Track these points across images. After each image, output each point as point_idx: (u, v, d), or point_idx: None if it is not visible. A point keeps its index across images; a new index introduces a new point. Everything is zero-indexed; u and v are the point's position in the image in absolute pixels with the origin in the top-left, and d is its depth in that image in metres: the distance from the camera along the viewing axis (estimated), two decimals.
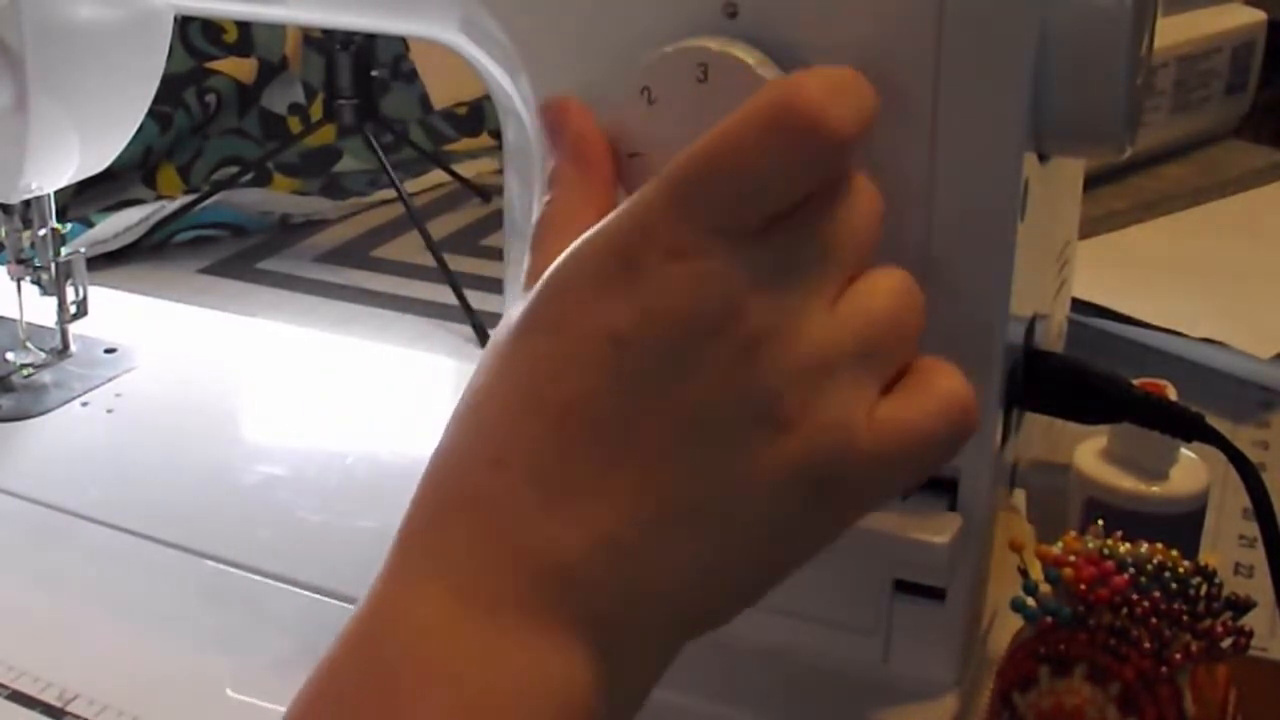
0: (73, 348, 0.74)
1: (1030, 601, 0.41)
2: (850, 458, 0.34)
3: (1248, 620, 0.40)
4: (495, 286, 0.56)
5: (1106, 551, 0.41)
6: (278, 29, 1.25)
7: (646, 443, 0.33)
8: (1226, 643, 0.40)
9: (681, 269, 0.33)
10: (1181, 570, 0.40)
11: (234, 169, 1.15)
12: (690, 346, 0.33)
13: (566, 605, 0.32)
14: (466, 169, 1.21)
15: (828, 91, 0.33)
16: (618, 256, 0.33)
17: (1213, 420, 0.44)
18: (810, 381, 0.33)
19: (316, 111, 1.24)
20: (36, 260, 0.70)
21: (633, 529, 0.32)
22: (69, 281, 0.72)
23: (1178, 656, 0.39)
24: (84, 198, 1.10)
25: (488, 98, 0.84)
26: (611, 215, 0.34)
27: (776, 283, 0.33)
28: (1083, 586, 0.40)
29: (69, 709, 0.50)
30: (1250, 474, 0.43)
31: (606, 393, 0.33)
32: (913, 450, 0.34)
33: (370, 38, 1.09)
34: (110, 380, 0.72)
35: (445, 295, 0.97)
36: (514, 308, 0.36)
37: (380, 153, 1.07)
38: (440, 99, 1.30)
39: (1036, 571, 0.41)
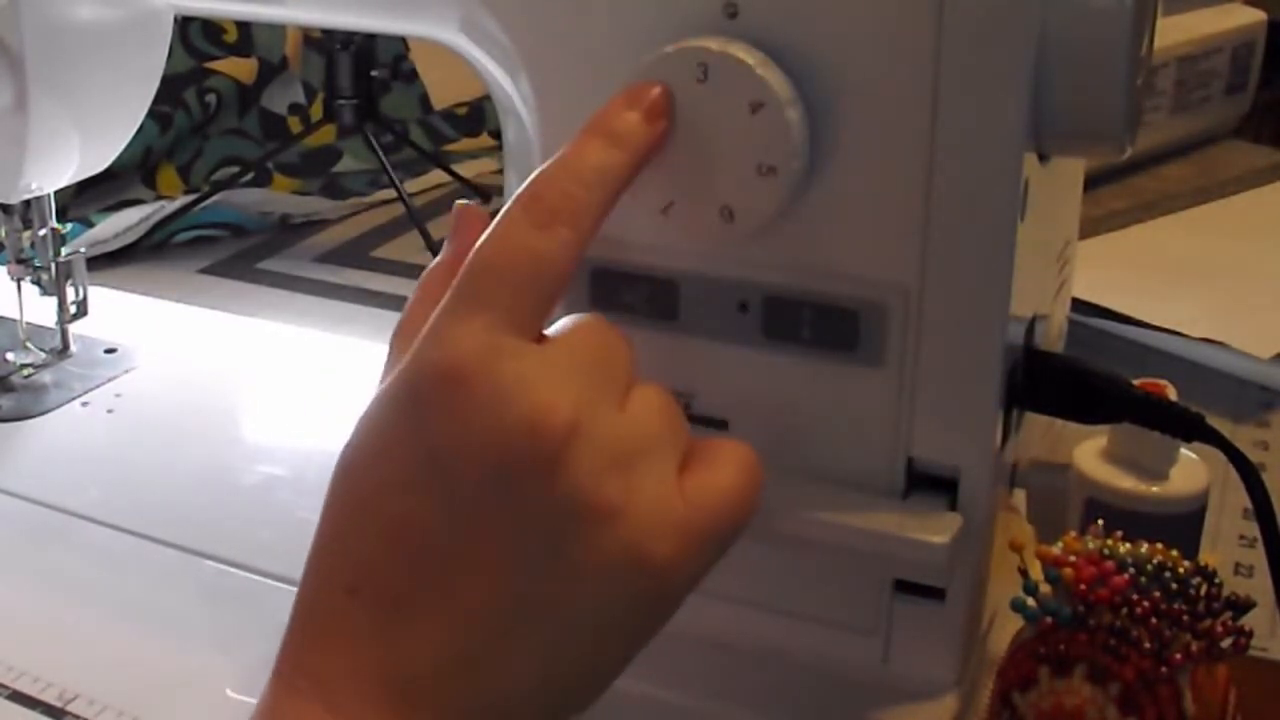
0: (73, 348, 0.74)
1: (1030, 602, 0.41)
2: (672, 531, 0.36)
3: (1248, 620, 0.40)
4: None
5: (1106, 551, 0.41)
6: (278, 29, 1.25)
7: (479, 555, 0.34)
8: (1226, 643, 0.40)
9: (477, 386, 0.35)
10: (1181, 570, 0.40)
11: (234, 169, 1.15)
12: (502, 459, 0.34)
13: (427, 713, 0.34)
14: (466, 169, 1.21)
15: (570, 182, 0.37)
16: (414, 389, 0.36)
17: (1213, 420, 0.44)
18: (623, 468, 0.35)
19: (316, 112, 1.24)
20: (36, 260, 0.70)
21: (475, 639, 0.34)
22: (69, 281, 0.72)
23: (1178, 656, 0.39)
24: (84, 198, 1.10)
25: (488, 98, 0.84)
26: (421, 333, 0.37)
27: (570, 386, 0.35)
28: (1083, 587, 0.40)
29: (69, 709, 0.50)
30: (1250, 474, 0.43)
31: (434, 513, 0.35)
32: (724, 512, 0.37)
33: (370, 38, 1.09)
34: (110, 380, 0.72)
35: None
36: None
37: (380, 153, 1.07)
38: (440, 99, 1.30)
39: (1036, 571, 0.41)
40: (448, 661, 0.34)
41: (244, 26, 1.23)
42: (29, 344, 0.73)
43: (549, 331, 0.38)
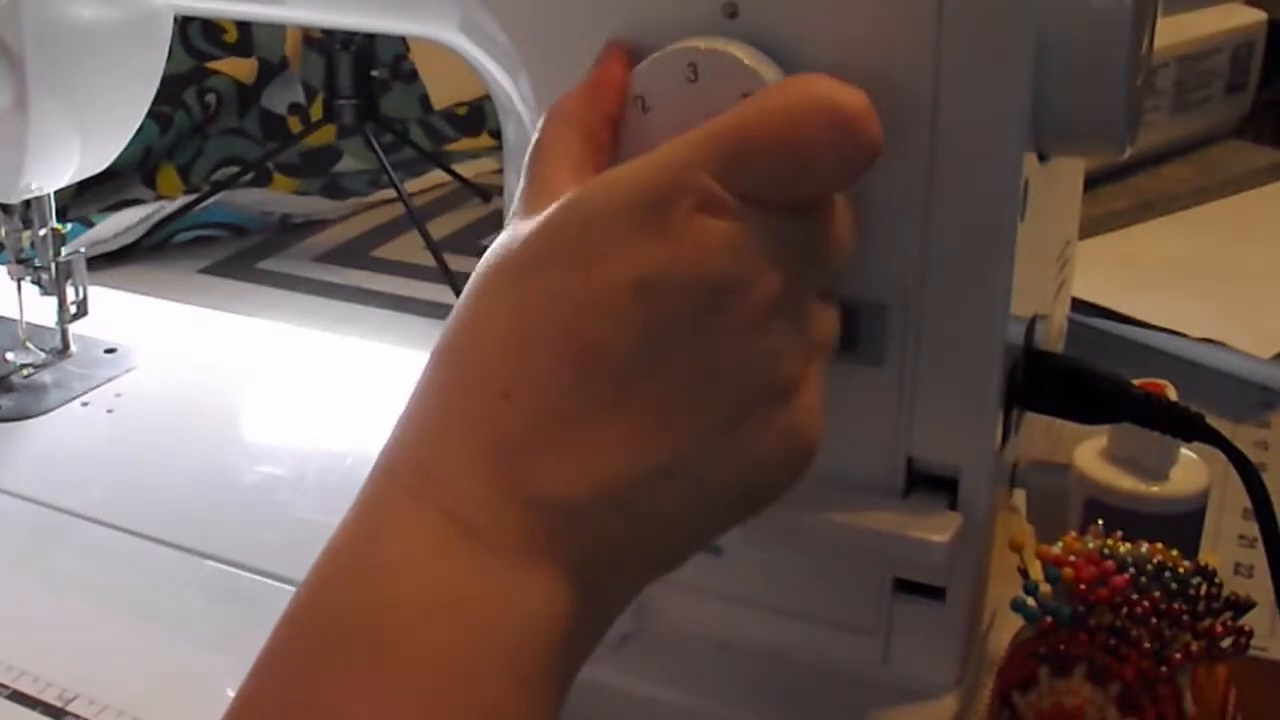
0: (73, 348, 0.74)
1: (1030, 602, 0.41)
2: (818, 441, 0.36)
3: (1247, 620, 0.40)
4: None
5: (1106, 551, 0.41)
6: (278, 29, 1.25)
7: (660, 396, 0.33)
8: (1226, 643, 0.40)
9: (715, 226, 0.33)
10: (1181, 570, 0.40)
11: (234, 169, 1.15)
12: (713, 304, 0.33)
13: (562, 546, 0.32)
14: (466, 169, 1.21)
15: (868, 107, 0.35)
16: (653, 203, 0.34)
17: (1213, 420, 0.44)
18: (808, 358, 0.36)
19: (317, 111, 1.24)
20: (37, 260, 0.70)
21: (633, 479, 0.33)
22: (69, 281, 0.72)
23: (1178, 656, 0.39)
24: (84, 198, 1.10)
25: (488, 98, 0.84)
26: (644, 159, 0.35)
27: (791, 264, 0.35)
28: (1083, 586, 0.40)
29: (69, 709, 0.50)
30: (1250, 474, 0.43)
31: (628, 341, 0.33)
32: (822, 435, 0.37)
33: (370, 38, 1.09)
34: (110, 380, 0.72)
35: (445, 295, 0.97)
36: (516, 228, 0.35)
37: (380, 153, 1.07)
38: (440, 99, 1.30)
39: (1036, 571, 0.41)
40: (596, 495, 0.32)
41: (244, 26, 1.23)
42: (29, 344, 0.73)
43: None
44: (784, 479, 0.36)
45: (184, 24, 1.20)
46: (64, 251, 0.71)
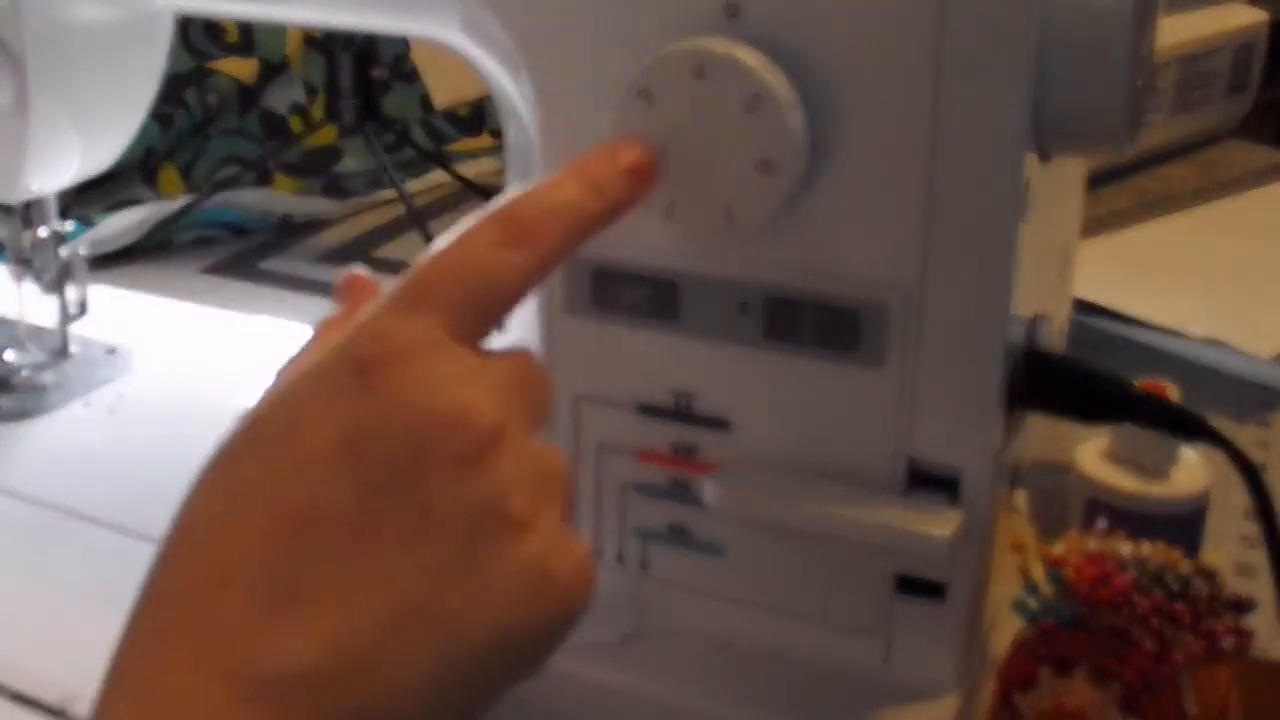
0: (73, 348, 0.74)
1: (1032, 602, 0.41)
2: (571, 559, 0.35)
3: (1249, 620, 0.40)
4: None
5: (1108, 552, 0.41)
6: (279, 29, 1.24)
7: (382, 545, 0.33)
8: (1227, 643, 0.40)
9: (413, 372, 0.34)
10: (1182, 570, 0.40)
11: (235, 169, 1.15)
12: (423, 445, 0.33)
13: (292, 713, 0.32)
14: (468, 169, 1.21)
15: (542, 212, 0.37)
16: (350, 362, 0.34)
17: (1214, 420, 0.44)
18: (535, 489, 0.34)
19: (318, 111, 1.24)
20: (37, 260, 0.70)
21: (367, 635, 0.32)
22: (69, 281, 0.72)
23: (1179, 657, 0.39)
24: (85, 198, 1.10)
25: (489, 98, 0.84)
26: (344, 331, 0.36)
27: (499, 396, 0.34)
28: (1084, 587, 0.40)
29: (69, 709, 0.50)
30: (1251, 474, 0.43)
31: (339, 499, 0.33)
32: (591, 585, 0.35)
33: (371, 38, 1.09)
34: (111, 381, 0.72)
35: None
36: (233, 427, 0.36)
37: (381, 153, 1.07)
38: (441, 99, 1.29)
39: (1038, 572, 0.41)
40: (325, 652, 0.32)
41: (245, 26, 1.23)
42: (29, 344, 0.73)
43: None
44: (541, 623, 0.34)
45: (185, 24, 1.20)
46: (64, 252, 0.71)
